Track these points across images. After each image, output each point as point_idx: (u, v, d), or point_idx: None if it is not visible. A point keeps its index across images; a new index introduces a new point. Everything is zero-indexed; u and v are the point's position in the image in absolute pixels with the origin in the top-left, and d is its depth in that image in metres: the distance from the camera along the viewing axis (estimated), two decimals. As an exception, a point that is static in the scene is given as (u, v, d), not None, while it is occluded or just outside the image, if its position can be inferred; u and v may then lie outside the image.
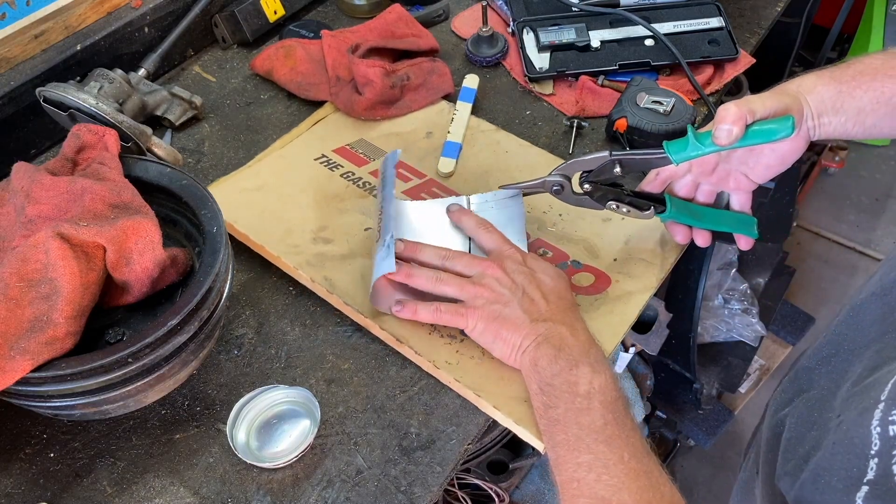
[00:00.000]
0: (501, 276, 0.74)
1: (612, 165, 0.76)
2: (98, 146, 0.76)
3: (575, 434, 0.63)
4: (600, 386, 0.65)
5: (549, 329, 0.70)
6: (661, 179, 0.81)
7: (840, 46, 2.42)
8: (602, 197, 0.79)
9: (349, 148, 0.97)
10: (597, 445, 0.61)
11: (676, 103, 0.95)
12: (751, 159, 0.76)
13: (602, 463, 0.60)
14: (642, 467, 0.60)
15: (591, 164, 0.77)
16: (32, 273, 0.65)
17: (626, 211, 0.80)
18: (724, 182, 0.80)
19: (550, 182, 0.79)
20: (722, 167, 0.78)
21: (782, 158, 0.74)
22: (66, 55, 0.97)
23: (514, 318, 0.71)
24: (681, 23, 1.08)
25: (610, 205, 0.80)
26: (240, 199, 0.90)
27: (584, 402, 0.64)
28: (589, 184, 0.78)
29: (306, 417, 0.73)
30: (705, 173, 0.80)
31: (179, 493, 0.69)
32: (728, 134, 0.68)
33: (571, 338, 0.70)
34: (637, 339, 1.49)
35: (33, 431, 0.73)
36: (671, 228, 0.83)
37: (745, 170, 0.77)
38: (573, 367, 0.66)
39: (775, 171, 0.76)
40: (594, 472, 0.60)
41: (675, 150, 0.73)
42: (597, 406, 0.64)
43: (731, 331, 1.76)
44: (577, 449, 0.62)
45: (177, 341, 0.66)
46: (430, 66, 1.04)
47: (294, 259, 0.84)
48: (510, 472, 1.29)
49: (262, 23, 1.13)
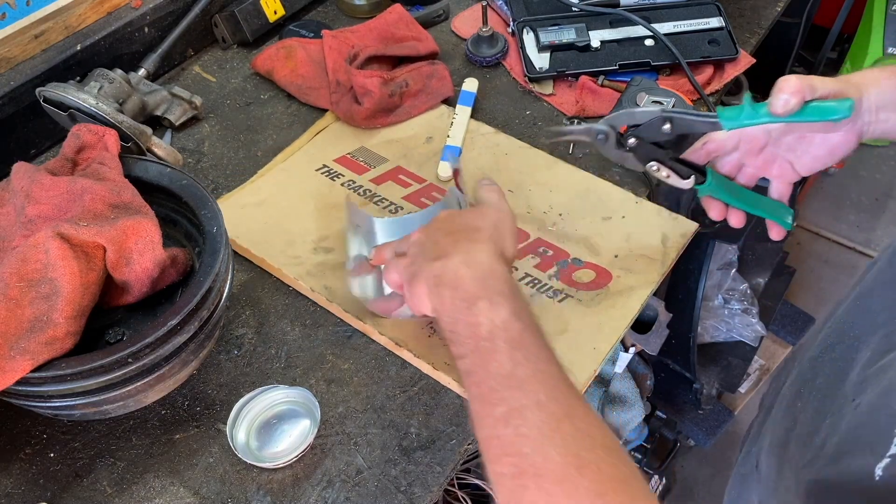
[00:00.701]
0: (418, 237, 0.68)
1: (661, 122, 0.72)
2: (98, 146, 0.76)
3: (487, 385, 0.55)
4: (502, 321, 0.57)
5: (442, 267, 0.62)
6: (707, 150, 0.77)
7: (840, 46, 2.42)
8: (644, 155, 0.75)
9: (350, 157, 0.97)
10: (509, 392, 0.54)
11: (676, 103, 0.95)
12: (800, 147, 0.73)
13: (517, 412, 0.52)
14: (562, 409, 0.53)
15: (640, 118, 0.73)
16: (32, 273, 0.65)
17: (665, 175, 0.76)
18: (768, 167, 0.76)
19: (596, 130, 0.75)
20: (769, 150, 0.75)
21: (831, 151, 0.71)
22: (66, 55, 0.97)
23: (415, 270, 0.65)
24: (681, 23, 1.08)
25: (651, 165, 0.76)
26: (241, 214, 0.90)
27: (487, 344, 0.56)
28: (635, 138, 0.74)
29: (306, 417, 0.73)
30: (752, 153, 0.76)
31: (179, 493, 0.69)
32: (785, 104, 0.65)
33: (465, 269, 0.61)
34: (637, 339, 1.49)
35: (33, 431, 0.73)
36: (706, 203, 0.79)
37: (792, 158, 0.74)
38: (470, 305, 0.58)
39: (822, 164, 0.73)
40: (511, 425, 0.52)
41: (727, 116, 0.70)
42: (502, 346, 0.56)
43: (731, 331, 1.76)
44: (491, 401, 0.54)
45: (177, 341, 0.66)
46: (429, 70, 1.04)
47: (295, 270, 0.84)
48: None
49: (262, 23, 1.13)
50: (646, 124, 0.73)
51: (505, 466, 0.51)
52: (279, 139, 1.01)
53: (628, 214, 0.90)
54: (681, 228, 0.88)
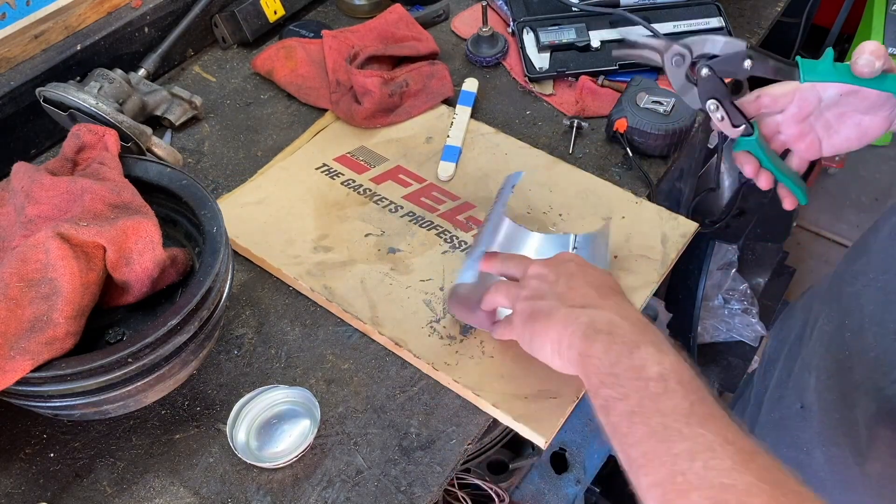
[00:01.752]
0: (542, 271, 0.68)
1: (743, 57, 0.70)
2: (98, 146, 0.76)
3: (660, 423, 0.52)
4: (672, 365, 0.55)
5: (592, 315, 0.61)
6: (760, 103, 0.76)
7: (840, 46, 2.42)
8: (707, 91, 0.73)
9: (349, 156, 0.97)
10: (691, 430, 0.51)
11: (676, 103, 0.96)
12: (835, 126, 0.74)
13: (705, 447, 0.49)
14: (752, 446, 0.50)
15: (722, 49, 0.71)
16: (32, 273, 0.65)
17: (720, 117, 0.74)
18: (800, 139, 0.76)
19: (675, 50, 0.72)
20: (809, 121, 0.75)
21: (863, 134, 0.73)
22: (66, 55, 0.97)
23: (547, 309, 0.64)
24: (681, 23, 1.08)
25: (710, 104, 0.73)
26: (241, 213, 0.90)
27: (658, 385, 0.54)
28: (708, 69, 0.71)
29: (306, 417, 0.73)
30: (796, 119, 0.75)
31: (179, 493, 0.69)
32: (871, 65, 0.65)
33: (621, 320, 0.60)
34: (637, 339, 1.49)
35: (33, 431, 0.73)
36: (742, 158, 0.77)
37: (824, 135, 0.75)
38: (633, 349, 0.57)
39: (852, 146, 0.74)
40: (699, 459, 0.49)
41: (808, 67, 0.69)
42: (675, 387, 0.54)
43: (731, 331, 1.76)
44: (668, 439, 0.51)
45: (177, 341, 0.66)
46: (429, 70, 1.04)
47: (294, 270, 0.84)
48: (510, 472, 1.29)
49: (262, 23, 1.13)
50: (725, 56, 0.71)
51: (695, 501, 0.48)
52: (279, 139, 1.01)
53: (628, 214, 0.90)
54: (681, 228, 0.88)
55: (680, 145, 0.97)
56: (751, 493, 0.46)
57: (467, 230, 0.89)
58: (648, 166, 0.96)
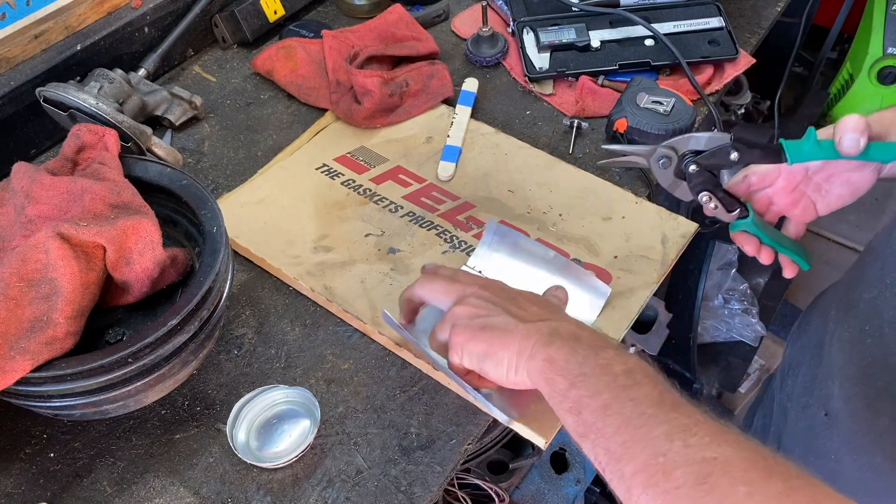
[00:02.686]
0: (481, 292, 0.66)
1: (728, 150, 0.71)
2: (98, 146, 0.76)
3: (634, 410, 0.53)
4: (635, 363, 0.57)
5: (553, 325, 0.62)
6: (749, 183, 0.77)
7: (840, 46, 2.42)
8: (698, 185, 0.74)
9: (350, 156, 0.97)
10: (665, 414, 0.52)
11: (676, 103, 0.95)
12: (825, 187, 0.75)
13: (681, 428, 0.51)
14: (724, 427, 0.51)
15: (707, 144, 0.71)
16: (32, 273, 0.65)
17: (713, 207, 0.74)
18: (793, 206, 0.78)
19: (660, 153, 0.73)
20: (800, 189, 0.76)
21: (854, 190, 0.74)
22: (66, 55, 0.97)
23: (502, 325, 0.62)
24: (681, 23, 1.08)
25: (703, 196, 0.74)
26: (241, 213, 0.90)
27: (627, 378, 0.56)
28: (695, 165, 0.72)
29: (306, 417, 0.73)
30: (786, 191, 0.77)
31: (179, 493, 0.69)
32: (856, 143, 0.66)
33: (580, 329, 0.62)
34: (637, 339, 1.49)
35: (33, 431, 0.73)
36: (741, 238, 0.78)
37: (817, 197, 0.76)
38: (598, 351, 0.58)
39: (844, 202, 0.75)
40: (678, 439, 0.50)
41: (793, 150, 0.69)
42: (643, 379, 0.55)
43: (731, 331, 1.76)
44: (645, 424, 0.52)
45: (177, 341, 0.66)
46: (429, 70, 1.04)
47: (294, 270, 0.84)
48: (510, 472, 1.29)
49: (262, 23, 1.13)
50: (711, 151, 0.71)
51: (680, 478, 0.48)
52: (279, 139, 1.01)
53: (628, 215, 0.90)
54: (681, 229, 0.88)
55: (680, 145, 0.97)
56: (732, 462, 0.48)
57: (467, 230, 0.89)
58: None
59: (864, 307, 0.70)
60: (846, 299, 0.77)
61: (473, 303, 0.65)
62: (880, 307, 0.68)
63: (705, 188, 0.74)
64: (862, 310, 0.71)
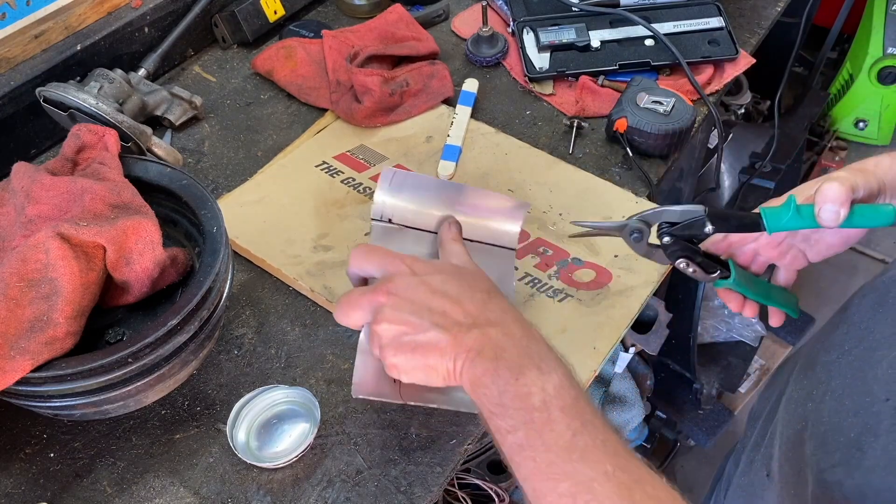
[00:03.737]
0: (395, 302, 0.61)
1: (703, 223, 0.69)
2: (98, 146, 0.76)
3: (544, 459, 0.53)
4: (555, 389, 0.55)
5: (478, 338, 0.58)
6: (729, 242, 0.75)
7: (840, 46, 2.42)
8: (675, 253, 0.72)
9: (350, 154, 0.97)
10: (572, 466, 0.52)
11: (676, 103, 0.96)
12: (814, 237, 0.73)
13: (584, 486, 0.51)
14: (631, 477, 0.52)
15: (681, 217, 0.70)
16: (32, 273, 0.65)
17: (692, 271, 0.73)
18: (781, 257, 0.76)
19: (631, 227, 0.72)
20: (787, 242, 0.74)
21: (846, 240, 0.72)
22: (66, 55, 0.97)
23: (433, 342, 0.59)
24: (681, 23, 1.08)
25: (680, 262, 0.72)
26: (241, 213, 0.90)
27: (542, 415, 0.54)
28: (670, 236, 0.71)
29: (306, 417, 0.73)
30: (771, 245, 0.75)
31: (179, 493, 0.69)
32: (836, 216, 0.63)
33: (505, 339, 0.59)
34: (637, 339, 1.49)
35: (33, 431, 0.73)
36: (725, 295, 0.76)
37: (806, 248, 0.74)
38: (518, 375, 0.56)
39: (835, 251, 0.73)
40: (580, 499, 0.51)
41: (772, 219, 0.67)
42: (558, 416, 0.54)
43: (731, 331, 1.76)
44: (552, 477, 0.52)
45: (177, 341, 0.66)
46: (429, 70, 1.04)
47: (294, 270, 0.84)
48: (510, 472, 1.29)
49: (262, 23, 1.13)
50: (686, 223, 0.70)
51: None
52: (279, 139, 1.01)
53: (628, 214, 0.89)
54: (681, 228, 0.88)
55: (680, 145, 0.97)
56: None
57: (467, 230, 0.89)
58: (648, 166, 0.96)
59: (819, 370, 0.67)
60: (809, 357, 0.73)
61: (390, 317, 0.61)
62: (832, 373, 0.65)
63: (682, 255, 0.72)
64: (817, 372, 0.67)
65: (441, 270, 0.64)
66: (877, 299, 0.65)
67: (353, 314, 0.63)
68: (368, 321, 0.63)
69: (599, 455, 0.52)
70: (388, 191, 0.77)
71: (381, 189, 0.77)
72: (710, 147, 1.52)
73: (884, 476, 0.53)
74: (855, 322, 0.66)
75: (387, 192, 0.77)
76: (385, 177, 0.77)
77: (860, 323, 0.65)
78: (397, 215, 0.77)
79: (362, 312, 0.62)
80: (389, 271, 0.64)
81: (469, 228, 0.76)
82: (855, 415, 0.59)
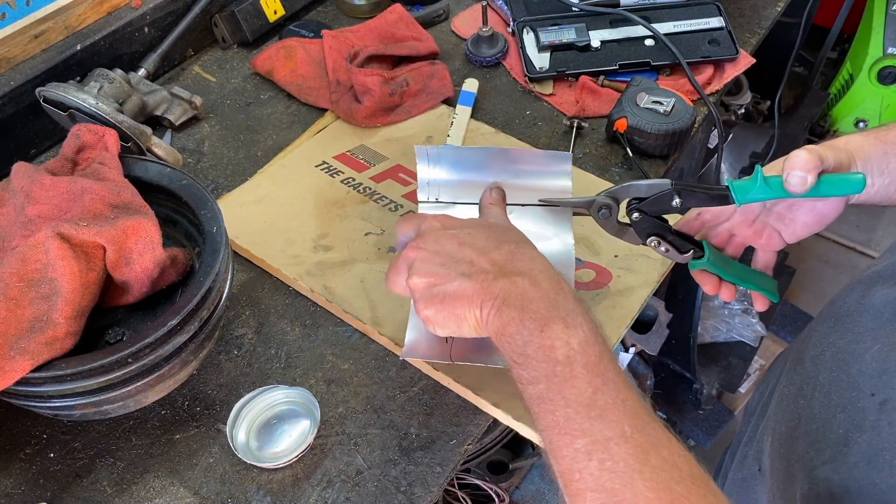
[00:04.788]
0: (424, 255, 0.63)
1: (670, 196, 0.69)
2: (98, 146, 0.76)
3: (563, 414, 0.53)
4: (580, 344, 0.55)
5: (507, 286, 0.58)
6: (702, 220, 0.74)
7: (840, 46, 2.42)
8: (645, 230, 0.72)
9: (350, 154, 0.97)
10: (591, 423, 0.52)
11: (676, 103, 0.95)
12: (789, 215, 0.72)
13: (602, 445, 0.51)
14: (649, 440, 0.51)
15: (647, 191, 0.70)
16: (32, 273, 0.65)
17: (664, 250, 0.72)
18: (756, 237, 0.74)
19: (599, 203, 0.71)
20: (761, 220, 0.73)
21: (820, 218, 0.70)
22: (66, 55, 0.97)
23: (459, 291, 0.60)
24: (681, 23, 1.08)
25: (651, 241, 0.72)
26: (241, 213, 0.90)
27: (564, 369, 0.54)
28: (638, 212, 0.70)
29: (306, 417, 0.73)
30: (745, 224, 0.74)
31: (179, 493, 0.69)
32: (802, 182, 0.63)
33: (532, 289, 0.58)
34: (637, 339, 1.50)
35: (33, 431, 0.73)
36: (699, 277, 0.75)
37: (781, 227, 0.73)
38: (543, 327, 0.56)
39: (811, 231, 0.72)
40: (595, 457, 0.50)
41: (739, 190, 0.66)
42: (580, 372, 0.54)
43: (731, 331, 1.76)
44: (570, 432, 0.52)
45: (177, 341, 0.66)
46: (429, 70, 1.04)
47: (294, 270, 0.84)
48: (510, 472, 1.30)
49: (262, 23, 1.13)
50: (653, 198, 0.70)
51: (589, 503, 0.50)
52: (279, 139, 1.01)
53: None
54: (681, 228, 0.88)
55: (680, 145, 0.97)
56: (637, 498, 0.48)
57: (467, 230, 0.89)
58: (648, 166, 0.96)
59: (808, 364, 0.67)
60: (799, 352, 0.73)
61: (421, 270, 0.62)
62: (819, 367, 0.65)
63: (653, 232, 0.72)
64: (806, 367, 0.68)
65: (470, 224, 0.65)
66: (862, 292, 0.65)
67: (394, 278, 0.65)
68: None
69: (619, 415, 0.52)
70: (428, 166, 0.74)
71: (421, 164, 0.74)
72: (711, 147, 1.52)
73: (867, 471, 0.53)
74: (841, 316, 0.66)
75: (427, 167, 0.75)
76: (420, 153, 0.74)
77: (845, 317, 0.65)
78: (444, 191, 0.75)
79: (401, 274, 0.63)
80: (423, 228, 0.65)
81: (520, 193, 0.74)
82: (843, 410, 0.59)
